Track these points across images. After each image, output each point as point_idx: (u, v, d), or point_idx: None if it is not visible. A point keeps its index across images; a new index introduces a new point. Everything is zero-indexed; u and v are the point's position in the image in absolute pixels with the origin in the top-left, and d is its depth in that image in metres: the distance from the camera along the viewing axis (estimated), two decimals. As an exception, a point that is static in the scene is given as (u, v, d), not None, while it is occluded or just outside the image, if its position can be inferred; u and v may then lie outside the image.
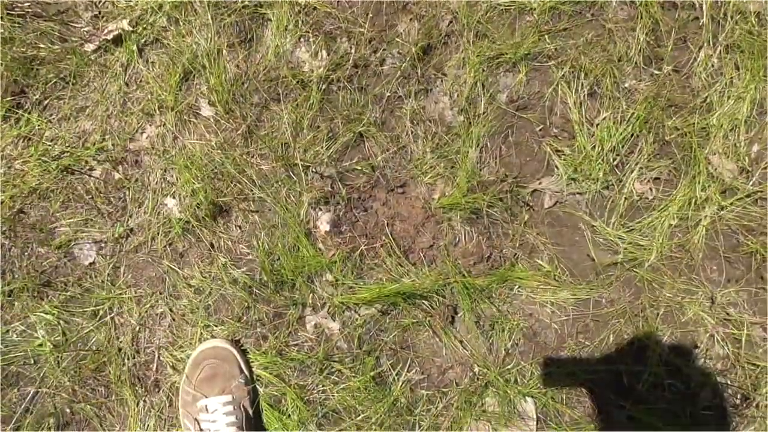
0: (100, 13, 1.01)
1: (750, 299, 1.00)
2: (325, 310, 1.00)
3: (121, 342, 0.97)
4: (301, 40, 1.03)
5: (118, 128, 1.01)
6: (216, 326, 0.98)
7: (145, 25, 1.01)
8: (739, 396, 0.98)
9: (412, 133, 1.04)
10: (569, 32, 1.05)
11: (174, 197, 1.00)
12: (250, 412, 0.94)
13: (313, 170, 1.01)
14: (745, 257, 1.01)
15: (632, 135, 1.03)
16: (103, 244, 1.00)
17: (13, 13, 1.00)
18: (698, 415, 0.98)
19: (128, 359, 0.97)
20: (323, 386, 0.98)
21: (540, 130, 1.05)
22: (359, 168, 1.03)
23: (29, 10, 1.00)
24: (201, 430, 0.91)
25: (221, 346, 0.94)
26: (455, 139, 1.03)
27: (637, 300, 1.01)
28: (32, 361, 0.97)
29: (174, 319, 0.99)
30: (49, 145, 0.99)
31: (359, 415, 0.96)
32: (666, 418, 0.97)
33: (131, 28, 0.99)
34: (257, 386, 0.97)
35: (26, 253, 0.98)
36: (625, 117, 1.02)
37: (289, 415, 0.97)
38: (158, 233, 0.99)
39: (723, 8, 1.03)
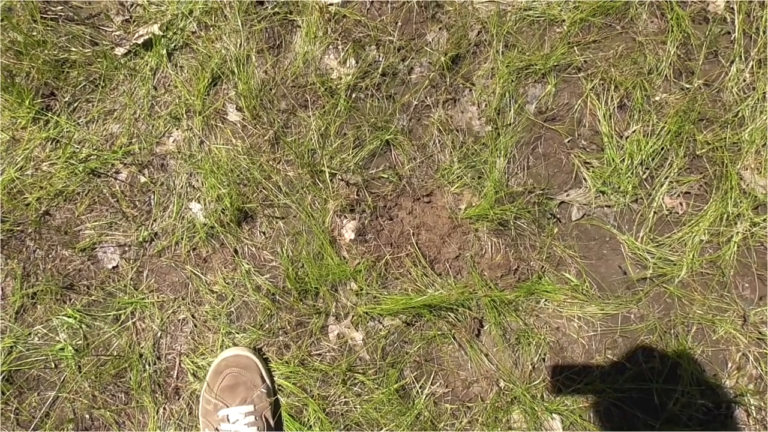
0: (131, 17, 1.02)
1: (783, 318, 0.98)
2: (348, 320, 0.98)
3: (142, 348, 0.96)
4: (330, 47, 1.03)
5: (145, 132, 1.01)
6: (238, 333, 0.97)
7: (175, 30, 1.01)
8: (772, 418, 0.95)
9: (439, 142, 1.03)
10: (599, 44, 1.04)
11: (199, 202, 0.99)
12: (272, 422, 0.92)
13: (339, 178, 1.00)
14: (778, 275, 0.99)
15: (662, 148, 1.01)
16: (127, 248, 0.99)
17: (46, 16, 1.00)
18: (730, 437, 0.95)
19: (149, 365, 0.95)
20: (346, 398, 0.96)
21: (568, 141, 1.04)
22: (385, 176, 1.02)
23: (62, 14, 1.01)
24: (221, 439, 0.90)
25: (243, 355, 0.93)
26: (483, 149, 1.02)
27: (666, 316, 0.99)
28: (53, 365, 0.96)
29: (196, 326, 0.97)
30: (77, 148, 0.99)
31: (382, 428, 0.94)
32: (697, 440, 0.94)
33: (161, 33, 1.00)
34: (279, 396, 0.96)
35: (50, 256, 0.98)
36: (655, 130, 1.01)
37: (311, 427, 0.95)
38: (182, 238, 0.99)
39: (755, 23, 1.02)
